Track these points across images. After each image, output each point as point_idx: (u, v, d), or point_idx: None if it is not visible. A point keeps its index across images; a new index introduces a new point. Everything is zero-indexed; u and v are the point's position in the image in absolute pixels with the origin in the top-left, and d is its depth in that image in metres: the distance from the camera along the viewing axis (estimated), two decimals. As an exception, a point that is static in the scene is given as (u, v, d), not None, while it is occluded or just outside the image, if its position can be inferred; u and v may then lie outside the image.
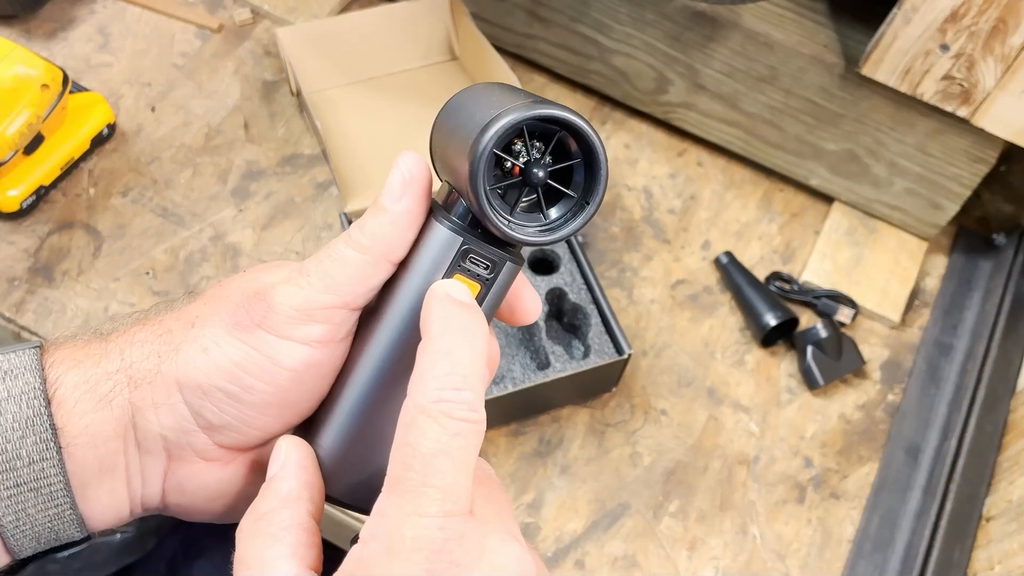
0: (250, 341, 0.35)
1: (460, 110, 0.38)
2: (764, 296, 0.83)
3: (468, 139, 0.34)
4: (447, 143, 0.37)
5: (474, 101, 0.37)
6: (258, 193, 0.87)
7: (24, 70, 0.78)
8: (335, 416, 0.37)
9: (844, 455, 0.80)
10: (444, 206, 0.37)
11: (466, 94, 0.39)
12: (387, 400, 0.37)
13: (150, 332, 0.36)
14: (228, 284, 0.37)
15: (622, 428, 0.79)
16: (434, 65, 0.96)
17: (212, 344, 0.35)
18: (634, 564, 0.73)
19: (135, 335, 0.36)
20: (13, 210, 0.81)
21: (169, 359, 0.35)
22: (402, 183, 0.35)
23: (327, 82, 0.92)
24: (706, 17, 0.84)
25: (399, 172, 0.36)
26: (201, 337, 0.35)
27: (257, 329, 0.35)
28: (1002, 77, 0.74)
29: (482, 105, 0.35)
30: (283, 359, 0.35)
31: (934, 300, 0.89)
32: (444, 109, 0.39)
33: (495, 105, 0.34)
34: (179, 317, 0.37)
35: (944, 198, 0.87)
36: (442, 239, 0.36)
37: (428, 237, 0.36)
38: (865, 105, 0.83)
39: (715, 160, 0.95)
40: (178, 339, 0.36)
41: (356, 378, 0.37)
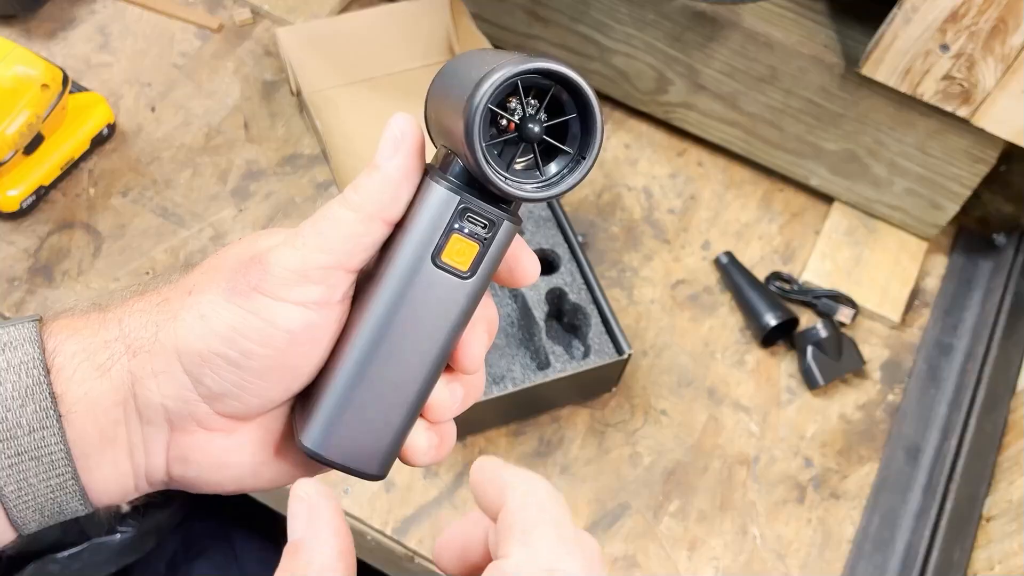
0: (247, 305, 0.35)
1: (453, 73, 0.38)
2: (764, 296, 0.83)
3: (462, 97, 0.34)
4: (441, 105, 0.37)
5: (467, 64, 0.37)
6: (258, 193, 0.87)
7: (24, 70, 0.78)
8: (335, 379, 0.37)
9: (844, 455, 0.80)
10: (441, 168, 0.37)
11: (460, 59, 0.39)
12: (386, 363, 0.37)
13: (148, 302, 0.36)
14: (224, 253, 0.37)
15: (622, 428, 0.79)
16: (434, 65, 0.96)
17: (209, 310, 0.35)
18: (634, 564, 0.73)
19: (133, 305, 0.36)
20: (13, 210, 0.81)
21: (167, 327, 0.35)
22: (394, 141, 0.35)
23: (327, 82, 0.92)
24: (706, 17, 0.84)
25: (391, 131, 0.35)
26: (198, 304, 0.35)
27: (254, 293, 0.35)
28: (1002, 77, 0.74)
29: (475, 65, 0.35)
30: (280, 321, 0.35)
31: (934, 300, 0.89)
32: (438, 75, 0.39)
33: (488, 64, 0.34)
34: (176, 287, 0.37)
35: (944, 198, 0.87)
36: (439, 199, 0.35)
37: (425, 198, 0.36)
38: (865, 105, 0.83)
39: (715, 160, 0.95)
40: (176, 307, 0.36)
41: (355, 342, 0.36)
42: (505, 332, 0.77)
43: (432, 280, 0.36)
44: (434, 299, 0.36)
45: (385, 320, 0.36)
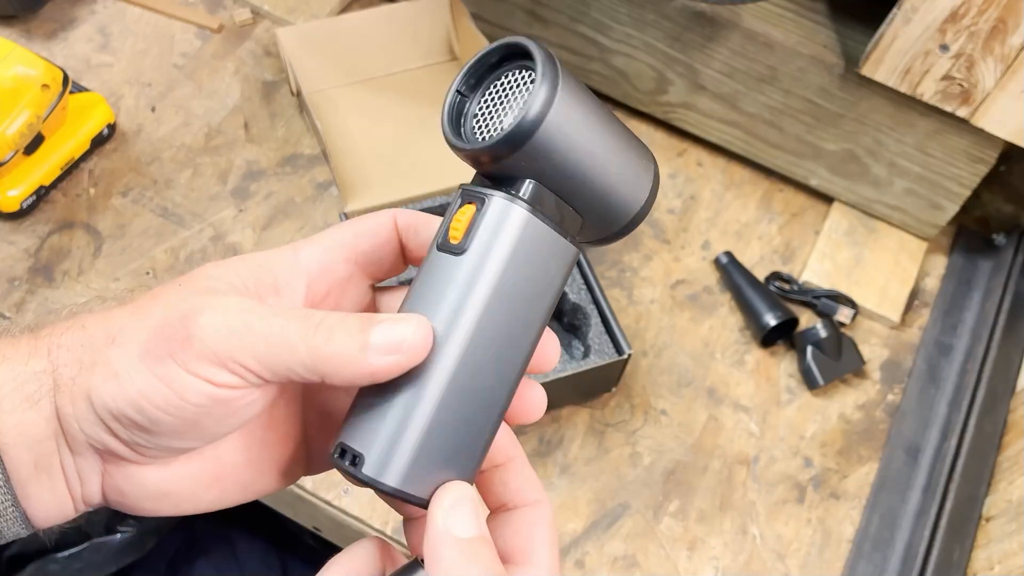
0: (159, 371, 0.33)
1: None
2: (764, 296, 0.83)
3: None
4: None
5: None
6: (258, 193, 0.87)
7: (24, 70, 0.78)
8: (402, 417, 0.34)
9: (844, 455, 0.80)
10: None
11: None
12: (468, 387, 0.35)
13: (76, 335, 0.35)
14: (163, 293, 0.35)
15: (622, 428, 0.79)
16: (434, 65, 0.96)
17: (122, 369, 0.33)
18: (634, 564, 0.73)
19: (62, 336, 0.35)
20: (13, 210, 0.81)
21: (86, 373, 0.34)
22: (396, 344, 0.33)
23: (327, 82, 0.92)
24: (706, 17, 0.84)
25: (403, 332, 0.33)
26: (115, 359, 0.33)
27: (168, 359, 0.33)
28: (1002, 77, 0.74)
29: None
30: (188, 395, 0.33)
31: (934, 300, 0.89)
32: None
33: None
34: (105, 323, 0.35)
35: (944, 198, 0.87)
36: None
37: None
38: (865, 105, 0.83)
39: (715, 160, 0.95)
40: (98, 352, 0.34)
41: (422, 373, 0.34)
42: (505, 332, 0.77)
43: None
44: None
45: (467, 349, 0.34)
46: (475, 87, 0.36)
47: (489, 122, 0.35)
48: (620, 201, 0.37)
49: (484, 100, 0.36)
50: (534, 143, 0.33)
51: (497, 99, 0.36)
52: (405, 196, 0.81)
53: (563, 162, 0.34)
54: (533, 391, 0.38)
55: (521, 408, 0.38)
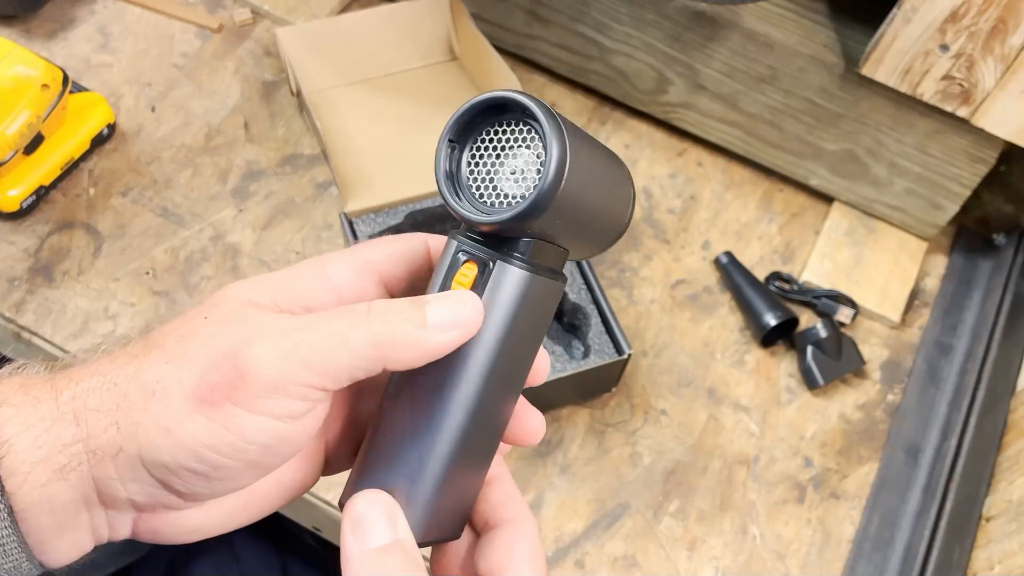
0: (217, 418, 0.32)
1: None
2: (764, 296, 0.83)
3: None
4: None
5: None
6: (258, 193, 0.87)
7: (24, 70, 0.78)
8: (417, 470, 0.35)
9: (844, 455, 0.80)
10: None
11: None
12: (472, 438, 0.36)
13: (107, 396, 0.33)
14: (192, 332, 0.33)
15: (622, 428, 0.79)
16: (434, 65, 0.96)
17: (174, 423, 0.32)
18: (634, 564, 0.73)
19: (90, 397, 0.33)
20: (13, 210, 0.81)
21: (130, 437, 0.32)
22: (455, 321, 0.33)
23: (327, 82, 0.92)
24: (706, 17, 0.84)
25: (460, 307, 0.33)
26: (163, 414, 0.32)
27: (225, 403, 0.31)
28: (1002, 77, 0.74)
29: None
30: (254, 435, 0.32)
31: (934, 300, 0.89)
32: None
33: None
34: (136, 377, 0.33)
35: (944, 198, 0.87)
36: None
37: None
38: (865, 105, 0.83)
39: (715, 160, 0.95)
40: (138, 412, 0.32)
41: (437, 431, 0.35)
42: (505, 332, 0.77)
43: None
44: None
45: (474, 403, 0.35)
46: (464, 137, 0.36)
47: (490, 187, 0.35)
48: (611, 225, 0.38)
49: (478, 156, 0.35)
50: (547, 212, 0.33)
51: (493, 157, 0.35)
52: (405, 196, 0.81)
53: (566, 219, 0.35)
54: (533, 418, 0.39)
55: (520, 433, 0.39)
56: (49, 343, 0.77)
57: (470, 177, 0.35)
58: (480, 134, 0.35)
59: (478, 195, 0.35)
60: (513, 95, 0.34)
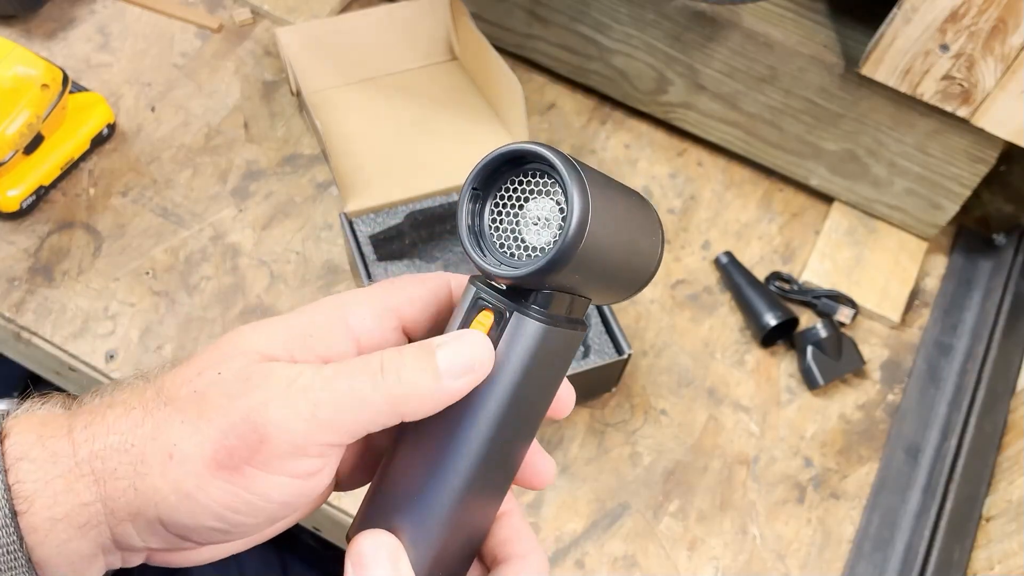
0: (237, 482, 0.32)
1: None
2: (764, 296, 0.83)
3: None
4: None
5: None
6: (258, 193, 0.87)
7: (24, 70, 0.78)
8: (424, 513, 0.35)
9: (844, 455, 0.80)
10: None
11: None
12: (475, 497, 0.36)
13: (124, 456, 0.33)
14: (208, 389, 0.33)
15: (622, 428, 0.79)
16: (434, 65, 0.96)
17: (194, 488, 0.32)
18: (634, 564, 0.73)
19: (108, 458, 0.33)
20: (13, 210, 0.81)
21: (148, 501, 0.33)
22: (467, 366, 0.33)
23: (327, 82, 0.92)
24: (706, 17, 0.84)
25: (469, 352, 0.33)
26: (183, 480, 0.32)
27: (245, 467, 0.32)
28: (1002, 77, 0.74)
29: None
30: (273, 495, 0.33)
31: (934, 300, 0.89)
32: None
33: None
34: (154, 437, 0.33)
35: (944, 198, 0.87)
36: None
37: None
38: (865, 105, 0.83)
39: (715, 160, 0.95)
40: (156, 477, 0.32)
41: (446, 473, 0.35)
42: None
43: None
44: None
45: (478, 451, 0.35)
46: (486, 188, 0.35)
47: (513, 239, 0.35)
48: (636, 276, 0.38)
49: (500, 207, 0.35)
50: (568, 266, 0.33)
51: (516, 209, 0.35)
52: (405, 196, 0.81)
53: (590, 271, 0.34)
54: (544, 463, 0.39)
55: (530, 477, 0.39)
56: (49, 343, 0.77)
57: (492, 228, 0.35)
58: (502, 185, 0.35)
59: (499, 246, 0.35)
60: (533, 147, 0.33)
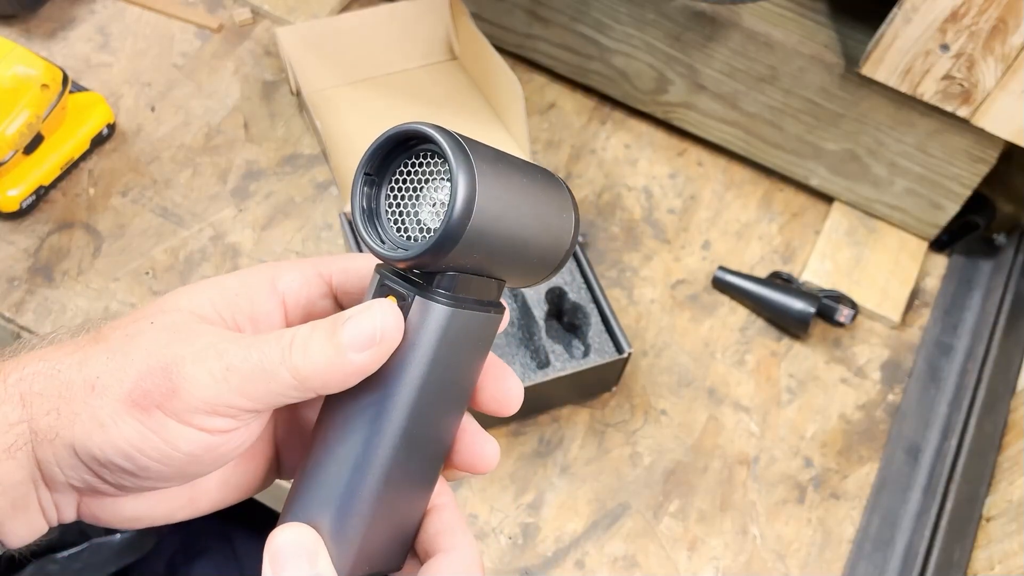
0: (147, 423, 0.33)
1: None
2: (781, 290, 0.83)
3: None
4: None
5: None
6: (258, 193, 0.87)
7: (24, 70, 0.78)
8: (344, 503, 0.34)
9: (844, 455, 0.80)
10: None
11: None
12: (400, 479, 0.35)
13: (50, 381, 0.34)
14: (138, 334, 0.34)
15: (622, 428, 0.79)
16: (434, 65, 0.96)
17: (108, 420, 0.33)
18: (634, 564, 0.73)
19: (34, 381, 0.34)
20: (13, 210, 0.81)
21: (67, 424, 0.34)
22: (372, 335, 0.33)
23: (327, 82, 0.92)
24: (706, 17, 0.84)
25: (373, 323, 0.33)
26: (99, 409, 0.33)
27: (156, 410, 0.33)
28: (1002, 77, 0.74)
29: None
30: (181, 445, 0.33)
31: (934, 300, 0.89)
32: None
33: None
34: (80, 367, 0.34)
35: (944, 198, 0.87)
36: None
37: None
38: (865, 105, 0.83)
39: (715, 160, 0.95)
40: (78, 403, 0.34)
41: (363, 462, 0.34)
42: (505, 332, 0.77)
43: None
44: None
45: (400, 433, 0.35)
46: (381, 172, 0.35)
47: (413, 222, 0.34)
48: (544, 256, 0.37)
49: (397, 191, 0.35)
50: (458, 246, 0.32)
51: (411, 191, 0.34)
52: (405, 196, 0.81)
53: (486, 250, 0.34)
54: (486, 445, 0.38)
55: (472, 460, 0.38)
56: (49, 343, 0.77)
57: (389, 213, 0.35)
58: (397, 169, 0.35)
59: (398, 230, 0.34)
60: (419, 127, 0.33)
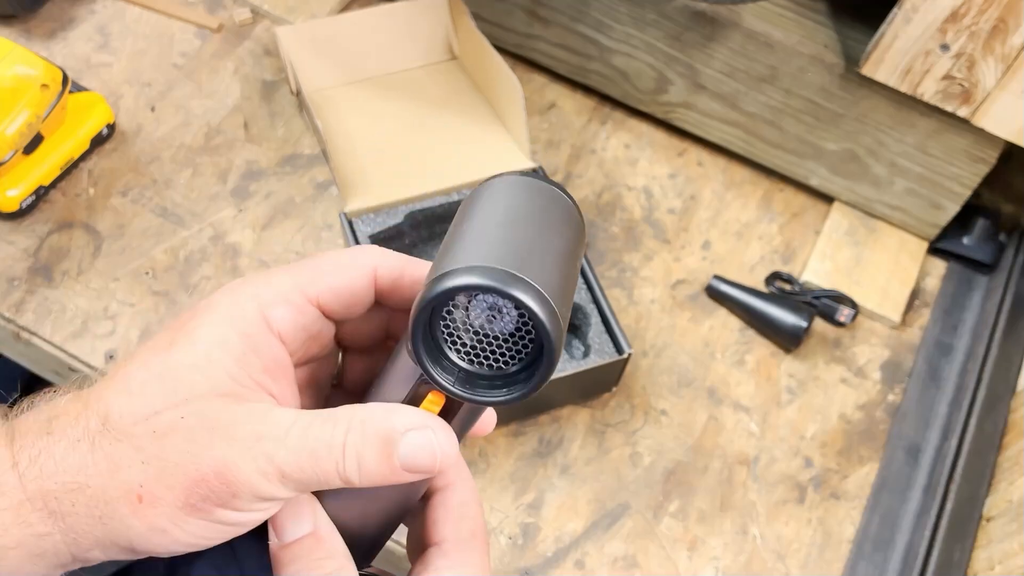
0: (211, 519, 0.34)
1: (463, 220, 0.35)
2: (776, 302, 0.83)
3: (430, 274, 0.32)
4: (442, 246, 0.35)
5: (464, 224, 0.35)
6: (258, 193, 0.87)
7: (24, 70, 0.78)
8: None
9: (844, 455, 0.80)
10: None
11: (472, 205, 0.36)
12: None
13: (79, 494, 0.34)
14: (169, 433, 0.34)
15: (622, 428, 0.79)
16: (434, 65, 0.96)
17: (171, 526, 0.34)
18: (634, 564, 0.73)
19: (63, 498, 0.34)
20: (13, 210, 0.81)
21: (120, 535, 0.34)
22: (429, 466, 0.35)
23: (327, 82, 0.92)
24: (706, 17, 0.84)
25: (432, 450, 0.35)
26: (155, 519, 0.34)
27: (218, 510, 0.34)
28: (1002, 77, 0.74)
29: (465, 235, 0.33)
30: (244, 524, 0.35)
31: (934, 300, 0.89)
32: (468, 200, 0.37)
33: (478, 242, 0.32)
34: (113, 476, 0.34)
35: (944, 198, 0.87)
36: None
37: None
38: (865, 105, 0.83)
39: (715, 160, 0.95)
40: (126, 514, 0.34)
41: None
42: (505, 332, 0.77)
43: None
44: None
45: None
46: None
47: (475, 336, 0.34)
48: (576, 266, 0.39)
49: (448, 327, 0.34)
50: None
51: (464, 321, 0.34)
52: (405, 196, 0.81)
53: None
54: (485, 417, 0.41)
55: (476, 430, 0.41)
56: (49, 343, 0.77)
57: (446, 341, 0.34)
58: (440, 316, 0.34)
59: (455, 346, 0.34)
60: (461, 282, 0.31)
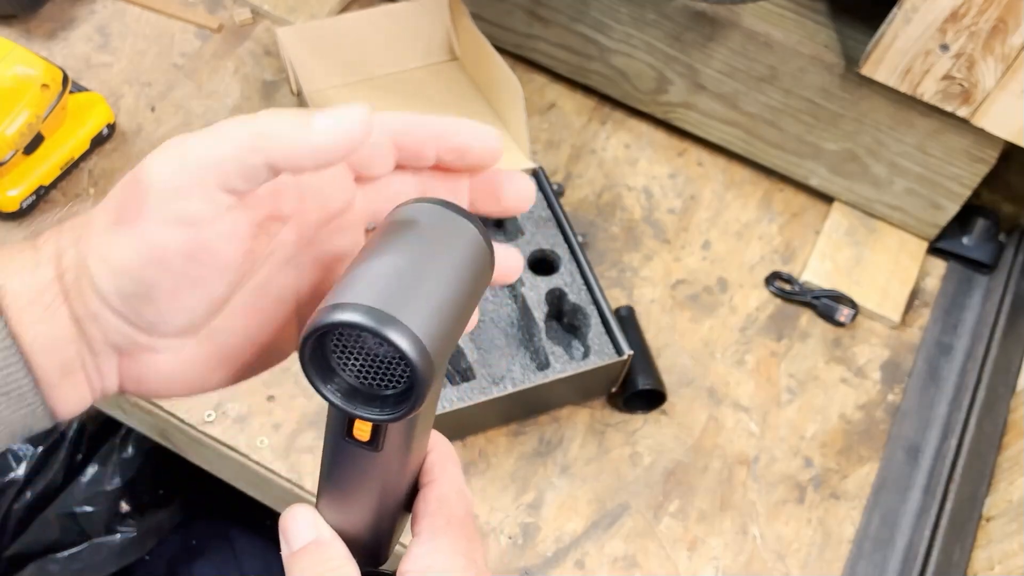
0: (134, 234, 0.33)
1: (367, 248, 0.35)
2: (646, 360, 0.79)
3: (326, 300, 0.32)
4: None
5: (379, 248, 0.34)
6: (258, 193, 0.87)
7: (24, 70, 0.78)
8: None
9: (844, 455, 0.80)
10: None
11: (396, 229, 0.35)
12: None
13: (70, 235, 0.36)
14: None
15: (622, 428, 0.79)
16: (434, 65, 0.96)
17: (107, 250, 0.34)
18: (634, 564, 0.73)
19: (60, 239, 0.36)
20: (13, 210, 0.81)
21: (85, 272, 0.35)
22: (341, 130, 0.33)
23: (327, 82, 0.92)
24: (706, 17, 0.84)
25: (345, 122, 0.33)
26: (100, 245, 0.34)
27: (137, 220, 0.33)
28: (1002, 77, 0.74)
29: (368, 265, 0.33)
30: (167, 241, 0.33)
31: (934, 300, 0.89)
32: (384, 225, 0.36)
33: (368, 277, 0.32)
34: (92, 215, 0.36)
35: (944, 198, 0.87)
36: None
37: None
38: (865, 105, 0.83)
39: (715, 160, 0.95)
40: (86, 246, 0.35)
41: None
42: (505, 333, 0.77)
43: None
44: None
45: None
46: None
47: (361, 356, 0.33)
48: (481, 285, 0.38)
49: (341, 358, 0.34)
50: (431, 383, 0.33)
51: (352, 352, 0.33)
52: (405, 196, 0.81)
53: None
54: (511, 258, 0.39)
55: (502, 277, 0.39)
56: (49, 343, 0.77)
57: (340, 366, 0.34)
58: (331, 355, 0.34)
59: (346, 364, 0.34)
60: (333, 319, 0.31)
